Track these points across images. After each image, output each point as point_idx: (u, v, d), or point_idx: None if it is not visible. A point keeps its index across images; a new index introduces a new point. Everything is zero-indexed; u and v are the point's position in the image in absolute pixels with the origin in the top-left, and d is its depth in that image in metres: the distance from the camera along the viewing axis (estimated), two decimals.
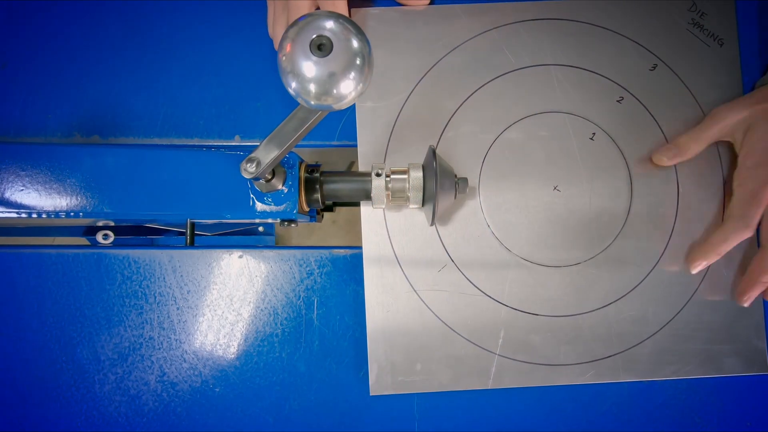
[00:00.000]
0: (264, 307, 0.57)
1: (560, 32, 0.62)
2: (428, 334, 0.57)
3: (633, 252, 0.59)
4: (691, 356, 0.58)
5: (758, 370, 0.58)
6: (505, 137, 0.60)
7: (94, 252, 0.57)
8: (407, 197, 0.53)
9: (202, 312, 0.57)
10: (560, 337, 0.58)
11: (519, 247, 0.59)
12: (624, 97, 0.61)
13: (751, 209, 0.55)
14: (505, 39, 0.62)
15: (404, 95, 0.61)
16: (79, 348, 0.56)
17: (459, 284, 0.58)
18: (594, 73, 0.61)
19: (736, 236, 0.56)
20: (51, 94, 0.60)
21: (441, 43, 0.62)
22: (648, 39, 0.62)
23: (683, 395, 0.58)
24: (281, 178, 0.51)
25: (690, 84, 0.61)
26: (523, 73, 0.61)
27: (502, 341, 0.57)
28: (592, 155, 0.60)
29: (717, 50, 0.62)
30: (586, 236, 0.59)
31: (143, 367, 0.56)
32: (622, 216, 0.59)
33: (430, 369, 0.57)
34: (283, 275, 0.58)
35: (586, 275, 0.59)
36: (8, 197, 0.51)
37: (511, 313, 0.58)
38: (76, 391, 0.56)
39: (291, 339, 0.57)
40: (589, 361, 0.58)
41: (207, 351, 0.56)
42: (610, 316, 0.58)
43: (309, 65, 0.34)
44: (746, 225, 0.55)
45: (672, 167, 0.60)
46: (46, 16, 0.62)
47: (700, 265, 0.57)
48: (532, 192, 0.59)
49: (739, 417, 0.59)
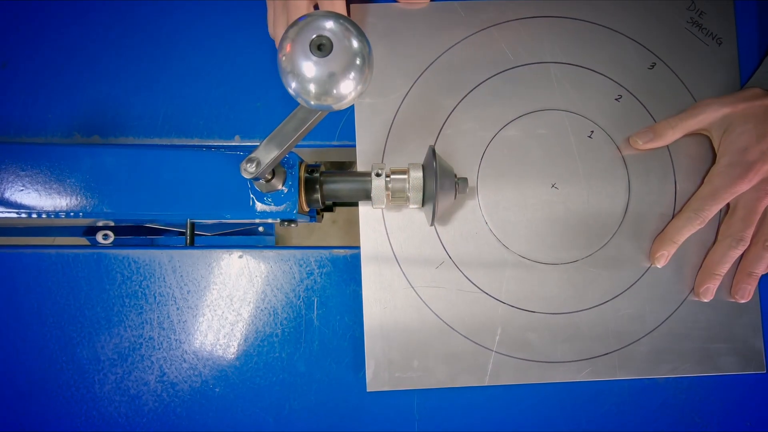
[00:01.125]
0: (264, 307, 0.57)
1: (559, 30, 0.62)
2: (425, 330, 0.58)
3: (630, 250, 0.59)
4: (688, 355, 0.58)
5: (755, 369, 0.58)
6: (504, 135, 0.60)
7: (94, 252, 0.57)
8: (407, 197, 0.53)
9: (202, 312, 0.57)
10: (557, 335, 0.58)
11: (517, 245, 0.59)
12: (622, 96, 0.61)
13: (706, 204, 0.57)
14: (504, 36, 0.62)
15: (403, 92, 0.61)
16: (79, 348, 0.56)
17: (457, 281, 0.58)
18: (593, 71, 0.61)
19: (688, 227, 0.58)
20: (51, 94, 0.60)
21: (440, 39, 0.62)
22: (647, 38, 0.62)
23: (683, 394, 0.59)
24: (281, 178, 0.51)
25: (688, 83, 0.61)
26: (522, 70, 0.62)
27: (499, 338, 0.58)
28: (591, 153, 0.60)
29: (715, 49, 0.62)
30: (583, 234, 0.59)
31: (143, 367, 0.56)
32: (620, 214, 0.60)
33: (427, 366, 0.57)
34: (283, 275, 0.58)
35: (584, 273, 0.59)
36: (8, 197, 0.51)
37: (509, 311, 0.58)
38: (76, 391, 0.56)
39: (291, 339, 0.57)
40: (586, 359, 0.58)
41: (207, 351, 0.57)
42: (607, 313, 0.58)
43: (309, 65, 0.34)
44: (699, 217, 0.57)
45: (670, 167, 0.60)
46: (46, 16, 0.62)
47: (662, 256, 0.58)
48: (530, 190, 0.60)
49: (738, 416, 0.59)
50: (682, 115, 0.59)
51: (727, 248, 0.58)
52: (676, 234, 0.58)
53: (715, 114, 0.58)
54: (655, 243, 0.59)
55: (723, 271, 0.58)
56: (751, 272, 0.58)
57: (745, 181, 0.56)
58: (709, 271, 0.58)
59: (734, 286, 0.59)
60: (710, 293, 0.58)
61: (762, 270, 0.58)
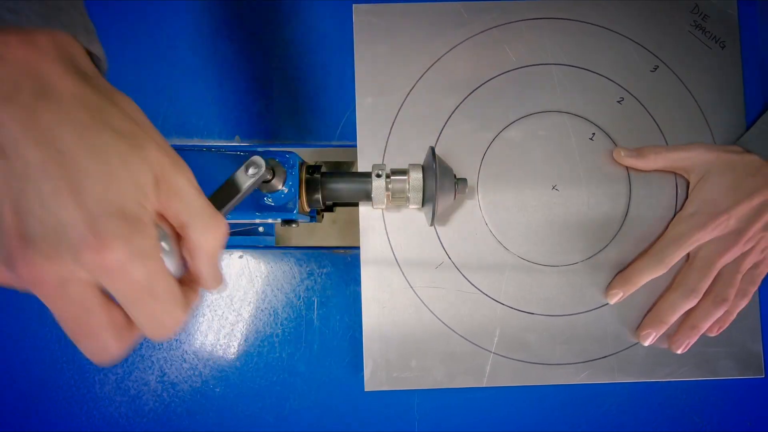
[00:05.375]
0: (264, 307, 0.57)
1: (562, 32, 0.62)
2: (424, 330, 0.58)
3: (630, 253, 0.59)
4: (687, 358, 0.58)
5: (753, 374, 0.59)
6: (505, 136, 0.60)
7: None
8: (407, 198, 0.53)
9: (202, 312, 0.57)
10: (556, 337, 0.58)
11: (516, 246, 0.59)
12: (624, 98, 0.61)
13: (669, 250, 0.57)
14: (506, 37, 0.61)
15: (405, 91, 0.61)
16: None
17: (456, 282, 0.58)
18: (595, 74, 0.61)
19: (649, 272, 0.57)
20: None
21: (442, 40, 0.61)
22: (650, 40, 0.62)
23: (681, 397, 0.59)
24: (282, 178, 0.51)
25: (691, 86, 0.61)
26: (524, 71, 0.61)
27: (497, 339, 0.58)
28: (592, 155, 0.60)
29: (718, 53, 0.62)
30: (583, 236, 0.59)
31: (143, 367, 0.56)
32: (620, 217, 0.60)
33: (425, 366, 0.57)
34: (283, 275, 0.58)
35: (583, 275, 0.59)
36: None
37: (508, 312, 0.58)
38: (77, 391, 0.56)
39: (291, 339, 0.57)
40: (584, 361, 0.58)
41: (207, 351, 0.57)
42: (605, 316, 0.58)
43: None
44: (660, 263, 0.57)
45: (672, 172, 0.60)
46: None
47: (617, 295, 0.58)
48: (530, 191, 0.60)
49: (737, 420, 0.59)
50: (670, 147, 0.59)
51: (679, 297, 0.57)
52: (636, 275, 0.57)
53: (699, 158, 0.58)
54: (615, 281, 0.58)
55: (670, 320, 0.57)
56: (694, 326, 0.57)
57: (706, 230, 0.56)
58: (655, 317, 0.57)
59: (675, 335, 0.58)
60: (651, 339, 0.57)
61: (706, 326, 0.57)
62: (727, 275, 0.56)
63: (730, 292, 0.56)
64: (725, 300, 0.56)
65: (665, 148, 0.59)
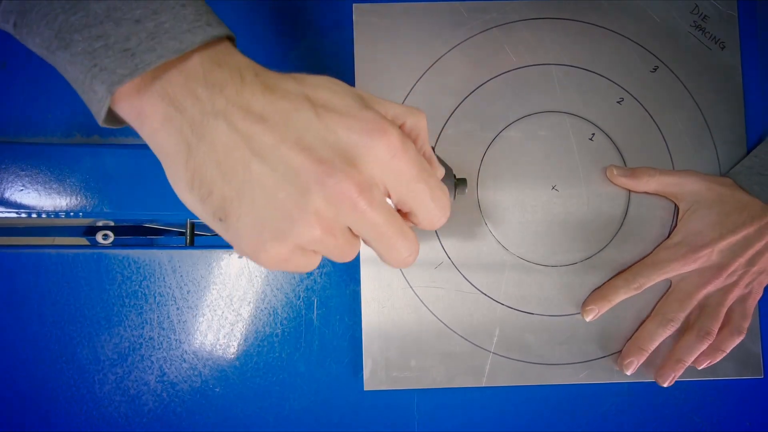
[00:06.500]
0: (264, 307, 0.57)
1: (562, 32, 0.62)
2: (423, 330, 0.58)
3: (629, 254, 0.59)
4: None
5: (752, 374, 0.59)
6: (505, 136, 0.60)
7: (94, 252, 0.57)
8: None
9: (202, 312, 0.57)
10: (555, 337, 0.58)
11: (516, 246, 0.59)
12: (624, 99, 0.61)
13: (645, 273, 0.57)
14: (506, 37, 0.61)
15: (405, 91, 0.61)
16: (79, 348, 0.56)
17: (455, 281, 0.58)
18: (595, 74, 0.61)
19: (624, 291, 0.57)
20: (51, 94, 0.59)
21: (442, 40, 0.61)
22: (649, 41, 0.62)
23: (680, 397, 0.59)
24: None
25: (690, 86, 0.61)
26: (524, 72, 0.61)
27: (497, 339, 0.58)
28: (591, 156, 0.60)
29: (718, 53, 0.62)
30: (583, 237, 0.59)
31: (143, 367, 0.56)
32: (620, 218, 0.60)
33: (425, 365, 0.57)
34: (283, 275, 0.58)
35: (583, 275, 0.59)
36: (8, 197, 0.51)
37: (507, 312, 0.58)
38: (76, 391, 0.56)
39: (291, 339, 0.57)
40: (584, 361, 0.58)
41: (207, 351, 0.57)
42: (605, 316, 0.58)
43: None
44: (636, 282, 0.57)
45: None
46: None
47: (592, 311, 0.58)
48: (530, 191, 0.60)
49: (736, 421, 0.59)
50: (663, 171, 0.59)
51: (657, 326, 0.57)
52: (612, 293, 0.57)
53: (690, 187, 0.58)
54: (590, 298, 0.58)
55: (650, 348, 0.56)
56: (679, 359, 0.56)
57: (687, 261, 0.56)
58: (636, 345, 0.57)
59: (660, 368, 0.57)
60: (633, 367, 0.57)
61: (691, 360, 0.56)
62: (711, 309, 0.56)
63: (713, 326, 0.56)
64: (708, 334, 0.56)
65: (659, 171, 0.59)
